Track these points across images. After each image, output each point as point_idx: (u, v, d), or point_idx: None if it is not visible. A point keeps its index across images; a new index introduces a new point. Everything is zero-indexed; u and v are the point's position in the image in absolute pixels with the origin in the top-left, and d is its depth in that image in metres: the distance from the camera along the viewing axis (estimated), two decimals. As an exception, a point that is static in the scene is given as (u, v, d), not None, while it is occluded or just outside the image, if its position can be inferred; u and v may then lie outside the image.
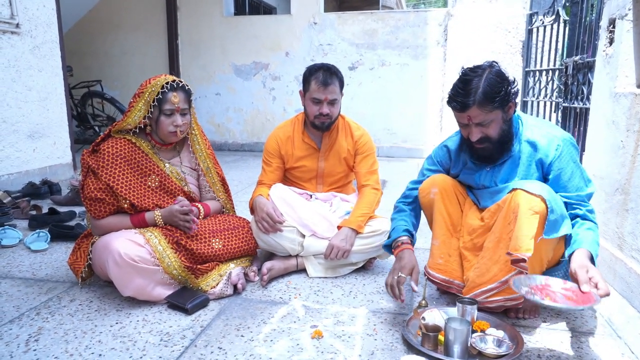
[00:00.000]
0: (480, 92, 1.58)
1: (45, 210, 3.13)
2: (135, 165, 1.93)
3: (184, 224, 1.89)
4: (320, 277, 2.12)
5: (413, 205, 1.95)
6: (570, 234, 1.61)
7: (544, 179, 1.71)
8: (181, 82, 1.95)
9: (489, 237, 1.69)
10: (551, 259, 1.68)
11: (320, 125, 2.18)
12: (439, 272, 1.81)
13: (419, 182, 1.93)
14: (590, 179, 1.71)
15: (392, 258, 2.32)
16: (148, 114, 1.90)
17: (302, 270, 2.16)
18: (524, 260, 1.51)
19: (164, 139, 1.99)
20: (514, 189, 1.63)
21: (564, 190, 1.67)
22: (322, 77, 2.11)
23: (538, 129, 1.72)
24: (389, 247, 1.89)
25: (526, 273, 1.56)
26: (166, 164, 2.03)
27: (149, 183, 1.96)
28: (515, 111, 1.72)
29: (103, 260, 1.75)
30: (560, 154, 1.66)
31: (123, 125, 1.93)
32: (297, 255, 2.15)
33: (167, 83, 1.89)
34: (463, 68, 1.68)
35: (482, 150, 1.71)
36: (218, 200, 2.19)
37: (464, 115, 1.64)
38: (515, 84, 1.66)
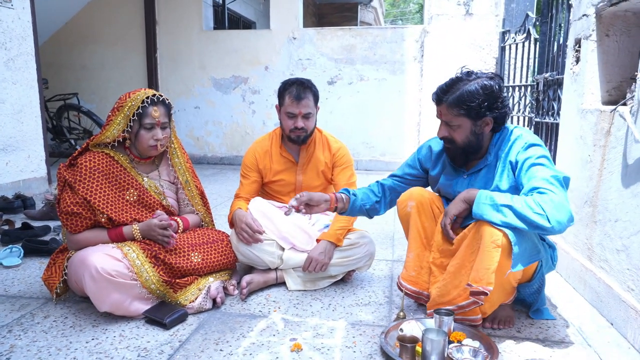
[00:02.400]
0: (456, 95, 1.65)
1: (18, 224, 3.05)
2: (113, 179, 1.92)
3: (163, 238, 1.88)
4: (299, 290, 2.13)
5: (378, 187, 2.00)
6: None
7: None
8: (161, 96, 1.96)
9: (452, 262, 1.72)
10: (522, 277, 1.71)
11: (296, 139, 2.20)
12: (410, 284, 1.87)
13: (394, 175, 2.02)
14: (562, 172, 1.59)
15: (370, 271, 2.36)
16: (127, 127, 1.90)
17: (282, 284, 2.17)
18: (484, 294, 1.52)
19: (143, 153, 1.99)
20: (479, 220, 1.60)
21: (529, 181, 1.57)
22: (295, 91, 2.14)
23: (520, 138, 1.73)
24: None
25: (482, 304, 1.58)
26: (145, 178, 2.02)
27: (127, 197, 1.95)
28: (496, 129, 1.72)
29: (79, 275, 1.73)
30: (526, 150, 1.64)
31: (101, 139, 1.92)
32: (276, 269, 2.15)
33: (147, 97, 1.89)
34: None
35: (447, 150, 1.80)
36: (197, 213, 2.18)
37: (437, 109, 1.74)
38: (502, 104, 1.66)
